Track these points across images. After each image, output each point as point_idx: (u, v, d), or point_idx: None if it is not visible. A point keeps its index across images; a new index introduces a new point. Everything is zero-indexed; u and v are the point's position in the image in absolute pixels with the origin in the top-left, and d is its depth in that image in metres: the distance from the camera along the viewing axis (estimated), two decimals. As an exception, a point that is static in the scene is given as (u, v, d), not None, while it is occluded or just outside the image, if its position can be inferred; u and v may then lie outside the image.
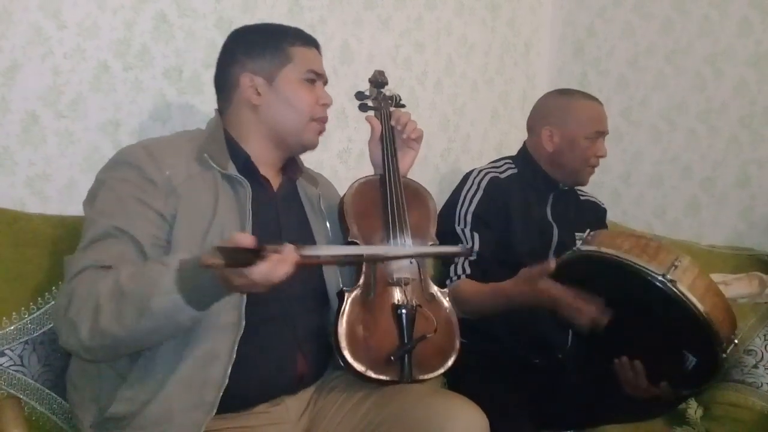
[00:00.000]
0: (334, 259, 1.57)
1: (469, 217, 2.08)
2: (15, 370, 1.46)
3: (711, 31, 2.74)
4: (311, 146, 1.62)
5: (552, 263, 1.75)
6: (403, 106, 1.89)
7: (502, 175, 2.17)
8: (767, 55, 2.64)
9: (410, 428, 1.40)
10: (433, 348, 1.60)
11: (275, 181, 1.61)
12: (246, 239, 1.17)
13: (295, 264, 1.21)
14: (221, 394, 1.35)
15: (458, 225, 2.07)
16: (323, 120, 1.61)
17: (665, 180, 2.89)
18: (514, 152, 2.30)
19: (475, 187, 2.12)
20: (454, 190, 2.18)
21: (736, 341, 1.62)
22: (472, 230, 2.06)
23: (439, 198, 2.28)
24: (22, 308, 1.48)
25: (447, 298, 1.69)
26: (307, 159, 1.72)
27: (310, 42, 1.62)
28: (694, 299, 1.54)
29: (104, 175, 1.44)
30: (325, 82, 1.64)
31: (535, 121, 2.24)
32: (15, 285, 1.48)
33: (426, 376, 1.58)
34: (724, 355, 1.59)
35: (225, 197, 1.46)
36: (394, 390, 1.53)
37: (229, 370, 1.36)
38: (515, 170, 2.20)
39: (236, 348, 1.37)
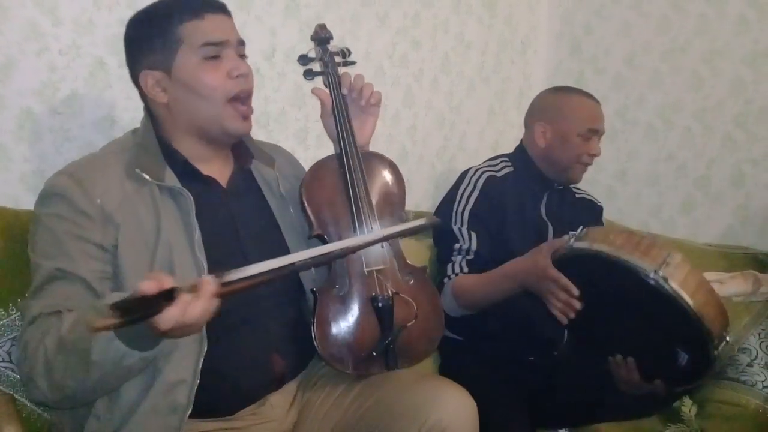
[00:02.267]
0: (270, 276, 1.15)
1: (466, 216, 2.08)
2: (4, 367, 1.44)
3: (708, 29, 2.75)
4: (239, 133, 1.45)
5: (566, 238, 1.71)
6: (353, 63, 1.71)
7: (499, 174, 2.16)
8: (764, 54, 2.65)
9: (398, 412, 1.39)
10: (417, 332, 1.55)
11: (224, 175, 1.49)
12: (148, 286, 1.02)
13: (213, 296, 1.07)
14: (187, 416, 1.32)
15: (455, 224, 2.07)
16: (243, 94, 1.41)
17: (661, 178, 2.89)
18: (510, 151, 2.30)
19: (471, 186, 2.12)
20: (451, 189, 2.17)
21: (728, 338, 1.62)
22: (469, 229, 2.05)
23: (435, 197, 2.29)
24: (10, 304, 1.47)
25: (425, 274, 1.63)
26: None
27: (202, 10, 1.39)
28: (685, 295, 1.53)
29: (38, 211, 1.35)
30: (241, 44, 1.43)
31: (529, 117, 2.25)
32: (5, 281, 1.47)
33: (413, 365, 1.56)
34: (716, 352, 1.59)
35: (167, 212, 1.36)
36: (381, 376, 1.51)
37: (194, 394, 1.32)
38: (511, 168, 2.19)
39: (200, 369, 1.32)
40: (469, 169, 2.19)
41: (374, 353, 1.49)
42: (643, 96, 2.92)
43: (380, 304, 1.51)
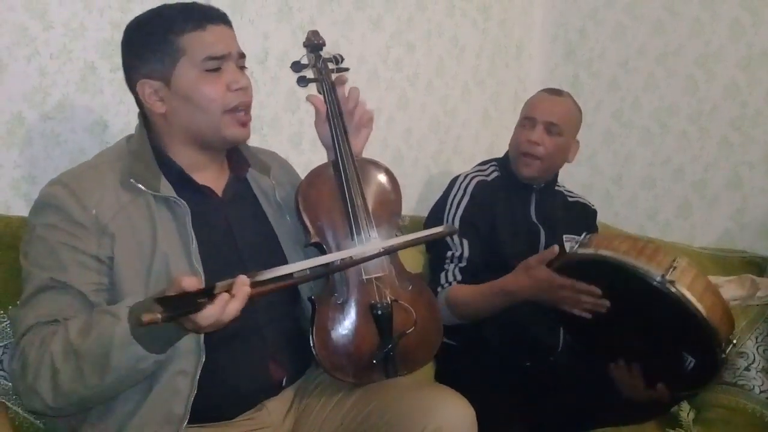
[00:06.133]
0: (299, 279, 1.34)
1: (456, 223, 2.07)
2: (-4, 374, 1.43)
3: (702, 33, 2.74)
4: (237, 140, 1.45)
5: (555, 248, 1.74)
6: (346, 69, 1.69)
7: (489, 178, 2.16)
8: (758, 57, 2.64)
9: (396, 419, 1.39)
10: (416, 339, 1.55)
11: (219, 184, 1.49)
12: (190, 283, 1.09)
13: (246, 298, 1.13)
14: (183, 426, 1.32)
15: None
16: (242, 106, 1.41)
17: (657, 182, 2.89)
18: (505, 155, 2.30)
19: (461, 192, 2.11)
20: (441, 196, 2.17)
21: (734, 341, 1.62)
22: (460, 236, 2.04)
23: (430, 200, 2.28)
24: (2, 311, 1.45)
25: (423, 281, 1.64)
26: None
27: (204, 20, 1.37)
28: (693, 299, 1.53)
29: (32, 221, 1.34)
30: (241, 57, 1.43)
31: None
32: (-4, 287, 1.45)
33: (413, 372, 1.56)
34: (724, 356, 1.58)
35: (163, 222, 1.35)
36: (379, 383, 1.51)
37: (191, 405, 1.32)
38: (499, 173, 2.19)
39: (197, 379, 1.32)
40: (458, 176, 2.18)
41: (374, 361, 1.49)
42: (638, 99, 2.92)
43: (379, 312, 1.50)
